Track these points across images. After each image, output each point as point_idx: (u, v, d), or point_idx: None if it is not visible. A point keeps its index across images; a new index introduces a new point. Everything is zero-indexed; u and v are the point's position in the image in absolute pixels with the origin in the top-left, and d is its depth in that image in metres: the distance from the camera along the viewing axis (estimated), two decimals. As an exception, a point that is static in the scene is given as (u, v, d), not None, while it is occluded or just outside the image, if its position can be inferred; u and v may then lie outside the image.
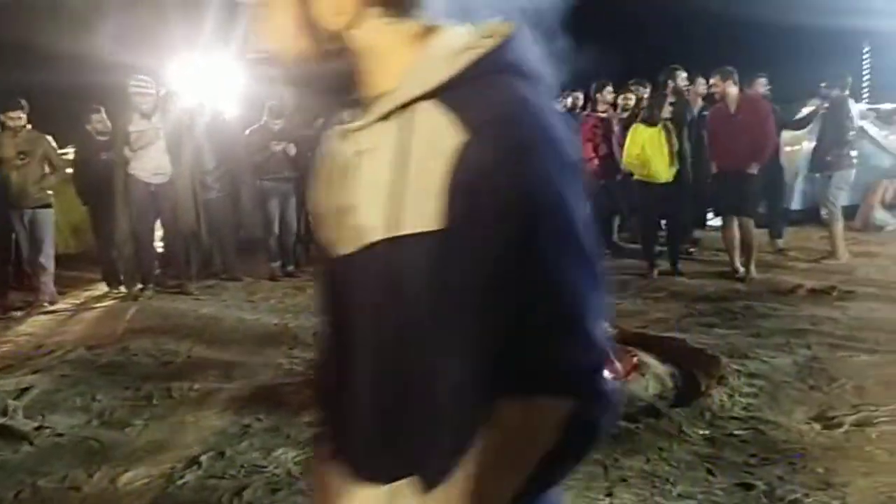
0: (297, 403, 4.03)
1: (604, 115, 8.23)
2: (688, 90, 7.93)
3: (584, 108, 8.73)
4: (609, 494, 2.93)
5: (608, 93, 8.27)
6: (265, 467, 3.29)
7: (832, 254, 7.33)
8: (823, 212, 7.45)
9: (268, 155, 7.55)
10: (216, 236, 7.67)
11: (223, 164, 7.50)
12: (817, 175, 7.88)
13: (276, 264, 7.81)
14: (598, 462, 3.19)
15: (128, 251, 7.00)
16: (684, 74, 7.99)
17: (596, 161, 8.10)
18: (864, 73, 12.24)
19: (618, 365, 4.18)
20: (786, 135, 8.60)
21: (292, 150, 7.55)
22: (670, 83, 7.86)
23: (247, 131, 7.82)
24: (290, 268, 7.89)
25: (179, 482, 3.19)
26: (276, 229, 7.75)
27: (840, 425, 3.47)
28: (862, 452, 3.18)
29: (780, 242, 8.01)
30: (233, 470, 3.27)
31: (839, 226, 7.33)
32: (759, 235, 7.21)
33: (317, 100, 1.11)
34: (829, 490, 2.86)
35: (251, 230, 8.23)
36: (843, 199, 7.42)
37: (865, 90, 11.88)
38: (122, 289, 7.10)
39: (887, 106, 10.32)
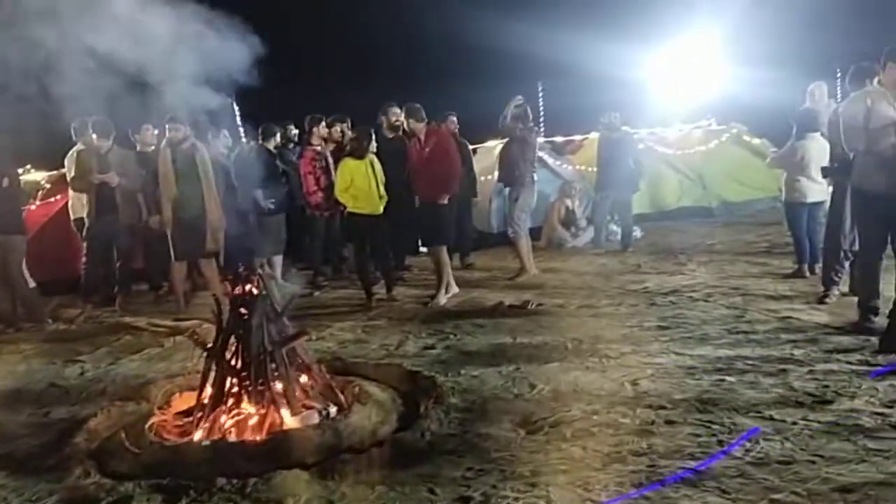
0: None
1: (318, 148, 8.32)
2: (400, 124, 8.35)
3: (299, 142, 8.76)
4: (337, 531, 2.90)
5: (322, 127, 8.39)
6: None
7: (522, 270, 8.14)
8: (510, 231, 8.25)
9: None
10: None
11: None
12: (505, 196, 8.74)
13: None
14: (323, 499, 3.15)
15: None
16: (398, 110, 8.37)
17: (320, 193, 8.15)
18: (540, 109, 13.82)
19: (341, 397, 4.20)
20: (479, 165, 9.45)
21: None
22: (383, 118, 8.21)
23: None
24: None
25: None
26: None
27: (541, 429, 3.81)
28: (560, 451, 3.52)
29: (468, 260, 8.95)
30: None
31: (523, 243, 8.16)
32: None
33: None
34: (534, 490, 3.12)
35: None
36: (526, 220, 8.25)
37: (541, 124, 13.40)
38: None
39: (559, 138, 11.78)
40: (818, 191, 6.83)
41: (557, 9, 15.85)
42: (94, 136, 7.42)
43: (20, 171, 7.58)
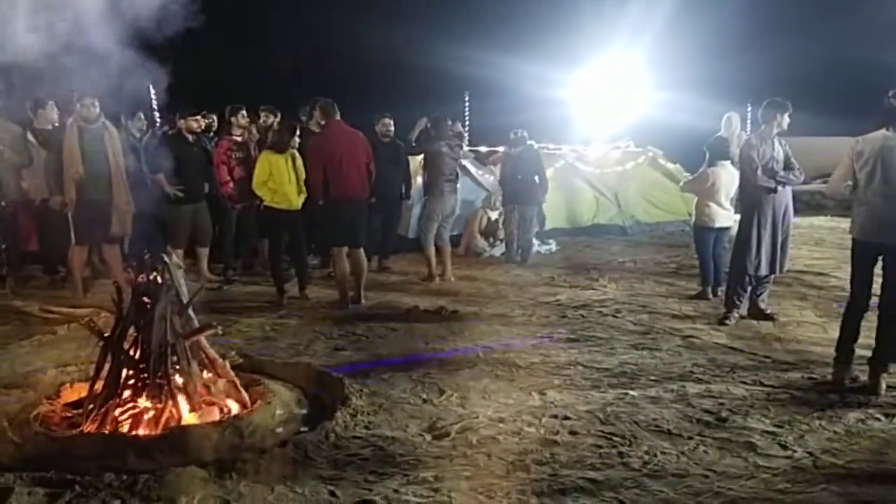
0: None
1: (239, 138, 8.09)
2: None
3: (218, 131, 8.48)
4: (231, 532, 2.80)
5: (242, 117, 8.15)
6: None
7: (441, 275, 8.16)
8: (422, 239, 8.27)
9: None
10: None
11: None
12: (423, 205, 8.73)
13: None
14: (219, 499, 3.04)
15: None
16: None
17: (231, 185, 7.91)
18: (466, 118, 13.94)
19: (244, 394, 4.07)
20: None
21: None
22: (313, 113, 8.05)
23: None
24: None
25: None
26: None
27: (448, 434, 3.80)
28: (465, 458, 3.52)
29: (386, 263, 8.96)
30: None
31: (431, 250, 8.19)
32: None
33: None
34: (436, 496, 3.11)
35: None
36: (434, 227, 8.21)
37: (466, 133, 13.51)
38: None
39: (483, 148, 11.88)
40: (725, 217, 7.12)
41: (486, 31, 16.16)
42: None
43: None
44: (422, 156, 8.65)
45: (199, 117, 7.76)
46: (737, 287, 6.27)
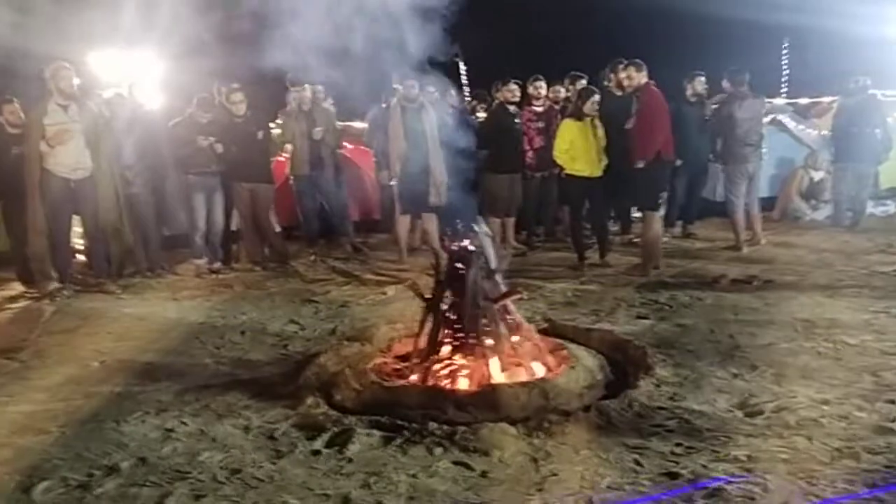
0: (223, 405, 3.92)
1: (539, 108, 8.28)
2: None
3: (521, 102, 8.77)
4: (540, 489, 2.93)
5: (535, 88, 8.30)
6: (189, 473, 3.17)
7: (750, 241, 7.61)
8: (728, 204, 7.70)
9: (194, 149, 7.33)
10: (139, 232, 7.40)
11: (145, 158, 7.23)
12: (720, 167, 8.15)
13: (203, 261, 7.59)
14: (528, 456, 3.20)
15: (42, 249, 6.66)
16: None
17: (531, 153, 8.17)
18: (784, 68, 12.71)
19: (549, 358, 4.23)
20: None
21: (220, 148, 7.35)
22: (612, 76, 7.96)
23: (171, 123, 7.55)
24: (217, 265, 7.68)
25: (97, 491, 3.05)
26: (203, 225, 7.54)
27: (761, 412, 3.56)
28: (782, 439, 3.27)
29: (690, 228, 8.68)
30: (154, 476, 3.15)
31: (738, 216, 7.59)
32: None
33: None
34: (750, 476, 2.93)
35: (176, 226, 7.98)
36: (741, 192, 7.60)
37: (784, 85, 12.32)
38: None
39: (804, 100, 10.72)
40: None
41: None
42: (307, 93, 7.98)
43: (271, 125, 8.33)
44: None
45: (513, 86, 8.02)
46: None
